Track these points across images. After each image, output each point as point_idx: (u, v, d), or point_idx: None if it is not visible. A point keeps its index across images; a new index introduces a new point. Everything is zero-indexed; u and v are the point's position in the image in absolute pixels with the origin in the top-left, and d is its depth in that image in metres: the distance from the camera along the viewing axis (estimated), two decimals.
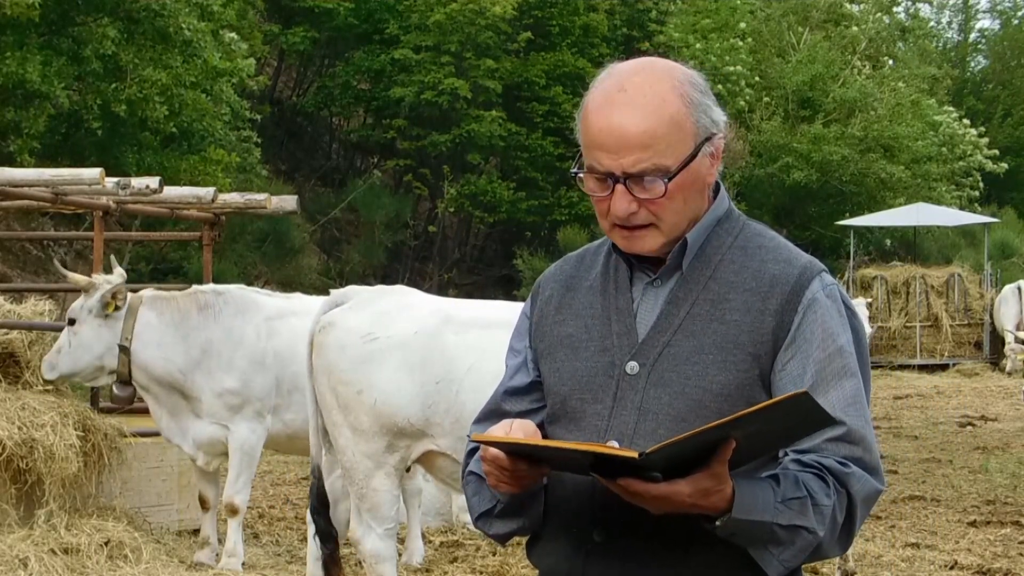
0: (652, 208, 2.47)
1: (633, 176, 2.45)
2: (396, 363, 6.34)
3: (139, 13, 20.51)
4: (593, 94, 2.52)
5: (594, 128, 2.48)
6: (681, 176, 2.46)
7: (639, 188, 2.46)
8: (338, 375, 6.42)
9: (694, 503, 2.28)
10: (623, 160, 2.44)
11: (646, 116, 2.45)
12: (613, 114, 2.46)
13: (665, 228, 2.50)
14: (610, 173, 2.46)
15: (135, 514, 8.73)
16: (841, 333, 2.49)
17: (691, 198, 2.51)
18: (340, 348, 6.44)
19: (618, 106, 2.47)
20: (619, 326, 2.54)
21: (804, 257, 2.55)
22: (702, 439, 2.22)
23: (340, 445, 6.46)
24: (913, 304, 25.68)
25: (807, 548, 2.38)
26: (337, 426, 6.44)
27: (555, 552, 2.55)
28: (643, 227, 2.49)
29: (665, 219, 2.49)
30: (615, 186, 2.46)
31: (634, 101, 2.46)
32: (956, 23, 51.39)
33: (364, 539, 6.47)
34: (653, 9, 35.68)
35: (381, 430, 6.35)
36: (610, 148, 2.45)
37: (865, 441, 2.45)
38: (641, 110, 2.45)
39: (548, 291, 2.68)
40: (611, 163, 2.45)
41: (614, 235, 2.53)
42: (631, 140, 2.44)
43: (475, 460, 2.59)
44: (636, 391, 2.48)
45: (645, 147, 2.44)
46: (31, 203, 11.15)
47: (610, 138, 2.45)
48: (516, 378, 2.67)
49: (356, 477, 6.43)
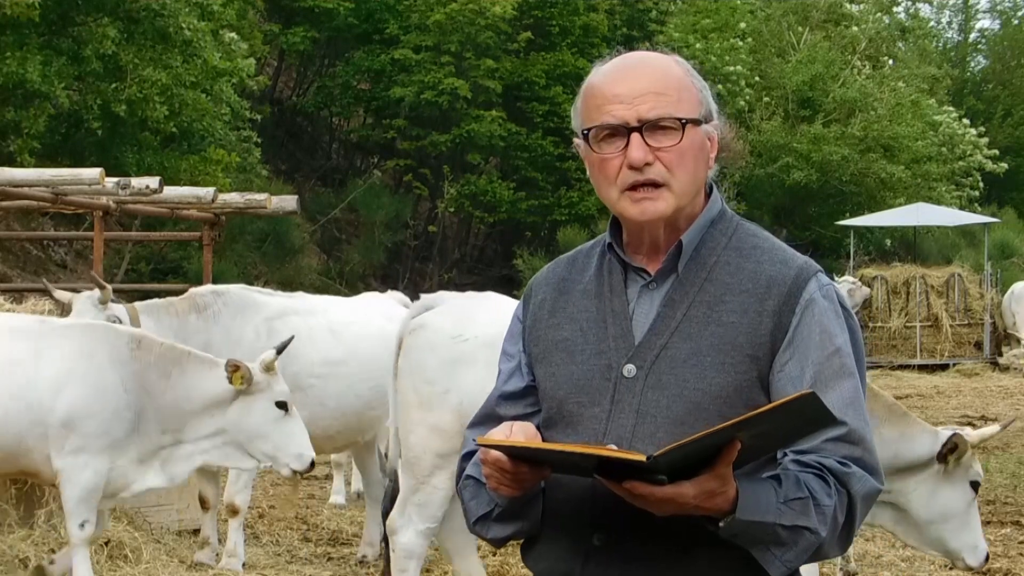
0: (666, 160, 2.46)
1: (649, 123, 2.45)
2: (484, 364, 6.33)
3: (139, 13, 20.51)
4: (594, 75, 2.55)
5: (605, 89, 2.49)
6: (692, 134, 2.47)
7: (655, 136, 2.46)
8: (424, 374, 6.45)
9: (698, 505, 2.28)
10: (640, 107, 2.46)
11: (656, 73, 2.50)
12: (625, 73, 2.50)
13: (676, 189, 2.48)
14: (625, 124, 2.46)
15: (135, 514, 8.72)
16: (839, 333, 2.49)
17: (698, 166, 2.51)
18: (430, 348, 6.47)
19: (628, 68, 2.52)
20: (615, 329, 2.53)
21: (800, 258, 2.55)
22: (709, 441, 2.21)
23: (411, 442, 6.46)
24: (913, 304, 25.65)
25: (809, 548, 2.38)
26: (413, 423, 6.46)
27: (552, 555, 2.54)
28: (656, 187, 2.48)
29: (677, 178, 2.48)
30: (630, 136, 2.46)
31: (642, 65, 2.52)
32: (956, 23, 51.45)
33: (402, 531, 6.47)
34: (653, 9, 35.70)
35: (462, 430, 6.35)
36: (625, 98, 2.46)
37: (865, 441, 2.45)
38: (652, 69, 2.51)
39: (541, 295, 2.66)
40: (626, 112, 2.46)
41: (624, 202, 2.50)
42: (646, 87, 2.47)
43: (472, 464, 2.58)
44: (634, 394, 2.47)
45: (660, 94, 2.46)
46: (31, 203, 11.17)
47: (623, 89, 2.47)
48: (510, 383, 2.66)
49: (418, 471, 6.42)
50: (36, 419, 6.98)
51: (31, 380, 7.02)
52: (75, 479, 6.96)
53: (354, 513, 10.22)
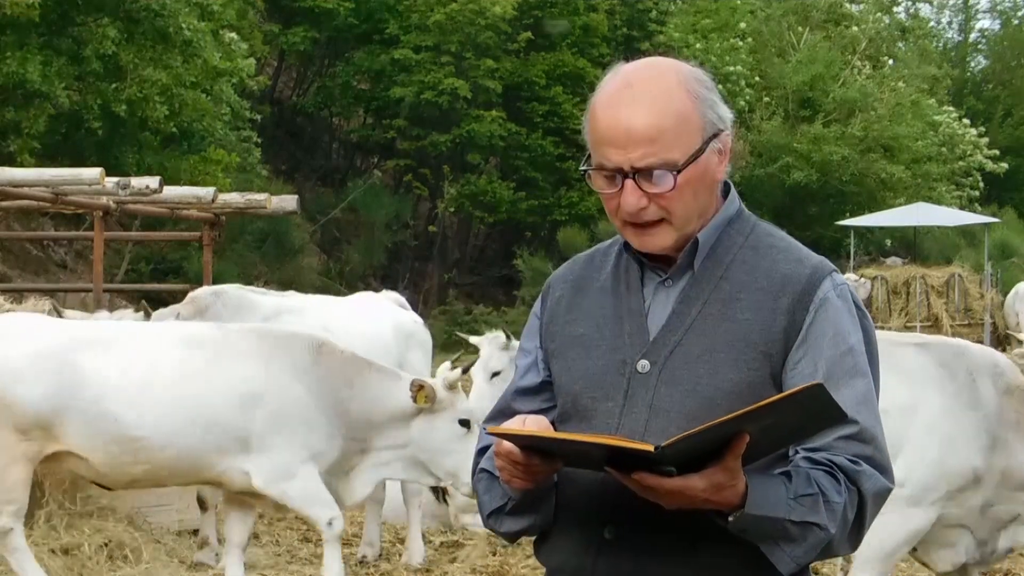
0: (662, 203, 2.48)
1: (641, 170, 2.46)
2: None
3: (139, 13, 20.52)
4: (600, 94, 2.53)
5: (601, 125, 2.49)
6: (689, 170, 2.47)
7: (648, 183, 2.46)
8: None
9: (707, 498, 2.28)
10: (631, 155, 2.45)
11: (652, 111, 2.47)
12: (620, 110, 2.48)
13: (676, 223, 2.50)
14: (619, 169, 2.47)
15: (135, 514, 8.72)
16: (852, 333, 2.50)
17: (700, 193, 2.51)
18: None
19: (624, 102, 2.49)
20: (631, 325, 2.55)
21: (815, 257, 2.56)
22: (716, 433, 2.22)
23: None
24: (913, 304, 25.64)
25: (819, 545, 2.39)
26: None
27: (564, 549, 2.56)
28: (655, 223, 2.50)
29: (676, 213, 2.49)
30: (624, 181, 2.47)
31: (640, 97, 2.48)
32: (956, 23, 51.40)
33: None
34: (653, 9, 35.69)
35: None
36: (618, 143, 2.47)
37: (876, 440, 2.46)
38: (647, 105, 2.47)
39: (558, 292, 2.68)
40: (619, 158, 2.47)
41: (627, 233, 2.54)
42: (638, 134, 2.45)
43: (486, 458, 2.60)
44: (647, 389, 2.49)
45: (652, 141, 2.45)
46: (31, 203, 11.16)
47: (617, 133, 2.47)
48: (526, 378, 2.68)
49: None
50: (220, 432, 6.89)
51: (211, 392, 6.93)
52: (289, 492, 6.94)
53: (354, 513, 10.21)
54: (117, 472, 7.02)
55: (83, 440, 6.86)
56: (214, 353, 7.00)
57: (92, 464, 6.94)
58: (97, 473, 7.06)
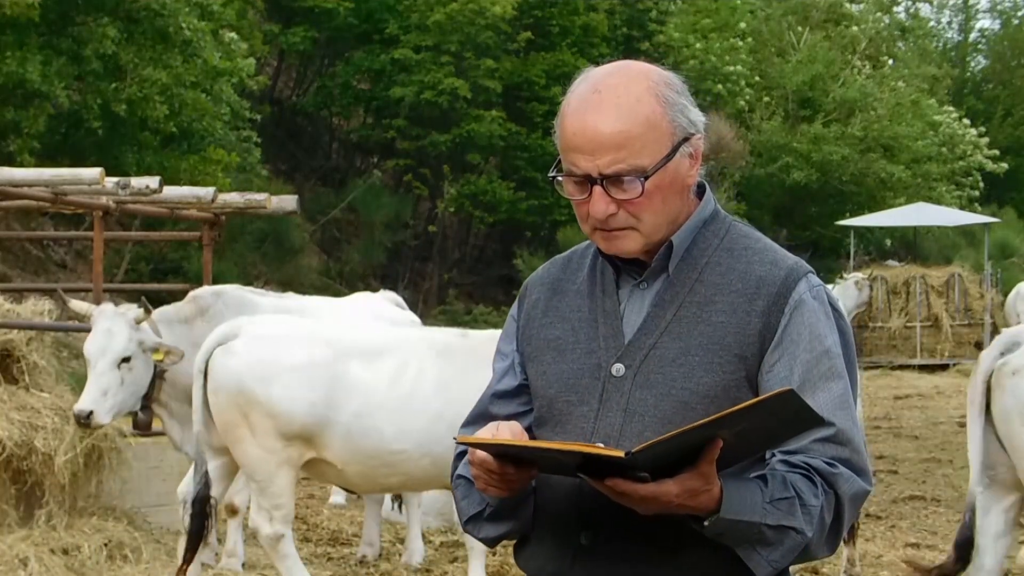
0: (631, 209, 2.47)
1: (609, 177, 2.44)
2: None
3: (139, 13, 20.50)
4: (569, 99, 2.52)
5: (569, 131, 2.48)
6: (658, 176, 2.46)
7: (616, 189, 2.45)
8: None
9: (682, 503, 2.28)
10: (599, 161, 2.44)
11: (620, 116, 2.45)
12: (587, 116, 2.46)
13: (645, 229, 2.49)
14: (587, 175, 2.46)
15: (135, 514, 8.73)
16: (828, 335, 2.49)
17: (670, 199, 2.50)
18: None
19: (592, 108, 2.47)
20: (606, 328, 2.54)
21: (791, 258, 2.55)
22: (688, 438, 2.22)
23: None
24: (913, 304, 25.63)
25: (795, 549, 2.38)
26: None
27: (542, 555, 2.56)
28: (623, 229, 2.49)
29: (644, 220, 2.48)
30: (593, 188, 2.46)
31: (608, 102, 2.46)
32: (956, 23, 51.38)
33: None
34: (653, 9, 35.66)
35: None
36: (585, 150, 2.45)
37: (853, 443, 2.45)
38: (615, 111, 2.45)
39: (535, 294, 2.67)
40: (587, 165, 2.45)
41: (595, 237, 2.53)
42: (606, 141, 2.44)
43: (463, 464, 2.58)
44: (622, 393, 2.48)
45: (620, 147, 2.44)
46: (31, 203, 11.13)
47: (585, 140, 2.45)
48: (503, 381, 2.67)
49: None
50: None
51: (465, 401, 6.87)
52: None
53: (354, 513, 10.22)
54: (370, 482, 7.08)
55: (343, 453, 6.86)
56: (463, 362, 6.95)
57: (346, 474, 6.96)
58: (349, 482, 7.06)
